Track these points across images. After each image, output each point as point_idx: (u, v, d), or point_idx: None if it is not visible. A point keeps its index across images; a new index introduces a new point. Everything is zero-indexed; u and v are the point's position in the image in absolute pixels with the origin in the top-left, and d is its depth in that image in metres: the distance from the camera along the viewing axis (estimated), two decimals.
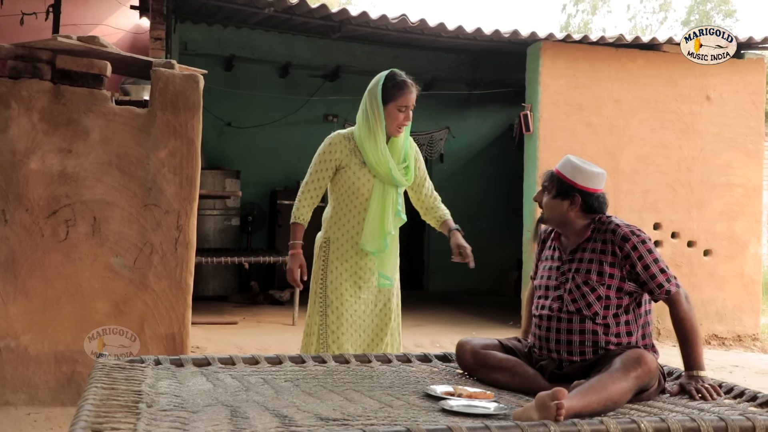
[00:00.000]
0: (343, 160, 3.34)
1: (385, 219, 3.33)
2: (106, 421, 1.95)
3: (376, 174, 3.33)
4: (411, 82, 3.33)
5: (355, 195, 3.35)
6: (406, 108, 3.28)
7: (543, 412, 2.05)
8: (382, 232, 3.34)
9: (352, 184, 3.34)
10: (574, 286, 2.66)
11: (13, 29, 6.07)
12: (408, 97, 3.28)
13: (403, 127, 3.31)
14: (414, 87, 3.32)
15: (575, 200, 2.69)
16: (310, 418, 2.05)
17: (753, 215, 7.46)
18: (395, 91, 3.27)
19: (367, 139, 3.30)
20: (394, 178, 3.33)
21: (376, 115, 3.27)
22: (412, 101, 3.30)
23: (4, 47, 3.97)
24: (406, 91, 3.28)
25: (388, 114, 3.28)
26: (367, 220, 3.34)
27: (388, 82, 3.29)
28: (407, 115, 3.30)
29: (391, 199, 3.37)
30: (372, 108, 3.28)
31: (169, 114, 4.09)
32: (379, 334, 3.42)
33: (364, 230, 3.34)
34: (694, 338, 2.57)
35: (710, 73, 7.19)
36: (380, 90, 3.27)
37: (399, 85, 3.28)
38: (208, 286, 8.25)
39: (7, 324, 3.94)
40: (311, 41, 8.69)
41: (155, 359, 2.82)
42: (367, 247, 3.33)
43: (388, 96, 3.27)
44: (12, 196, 3.93)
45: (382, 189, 3.34)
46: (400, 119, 3.28)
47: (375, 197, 3.34)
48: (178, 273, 4.11)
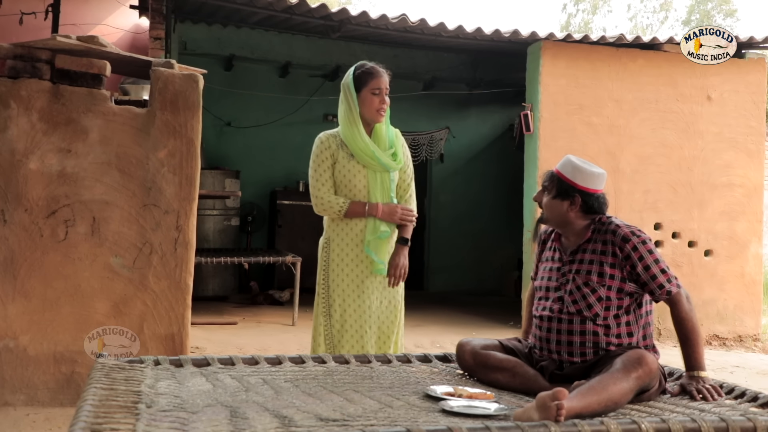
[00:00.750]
0: (333, 155, 3.40)
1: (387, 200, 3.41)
2: (106, 421, 1.95)
3: (365, 163, 3.38)
4: (381, 68, 3.41)
5: (349, 188, 3.39)
6: (379, 91, 3.34)
7: (543, 412, 2.04)
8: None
9: (344, 177, 3.39)
10: (574, 287, 2.66)
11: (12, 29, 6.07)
12: (379, 80, 3.36)
13: (381, 110, 3.37)
14: (385, 72, 3.40)
15: (575, 200, 2.69)
16: (310, 419, 2.04)
17: (754, 215, 7.46)
18: (365, 76, 3.36)
19: (349, 129, 3.38)
20: (381, 162, 3.38)
21: (351, 104, 3.36)
22: (385, 83, 3.37)
23: (3, 47, 3.97)
24: (376, 74, 3.36)
25: (363, 100, 3.35)
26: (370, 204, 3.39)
27: (357, 70, 3.39)
28: (382, 99, 3.36)
29: (386, 186, 3.43)
30: (347, 97, 3.38)
31: (168, 114, 4.09)
32: (386, 332, 3.43)
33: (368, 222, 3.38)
34: (695, 338, 2.57)
35: (711, 72, 7.19)
36: (351, 79, 3.37)
37: (369, 70, 3.38)
38: (208, 287, 8.25)
39: (6, 324, 3.94)
40: (311, 41, 8.70)
41: (155, 360, 2.81)
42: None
43: (360, 83, 3.35)
44: (11, 196, 3.93)
45: (375, 176, 3.40)
46: (376, 103, 3.35)
47: (371, 183, 3.40)
48: (177, 273, 4.10)
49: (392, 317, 3.45)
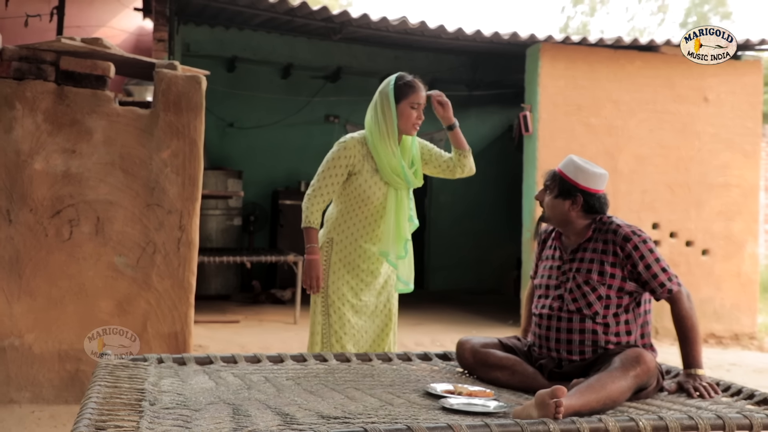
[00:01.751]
0: (356, 166, 3.30)
1: (401, 226, 3.34)
2: (110, 419, 1.97)
3: (389, 179, 3.31)
4: (420, 82, 3.35)
5: (365, 202, 3.33)
6: (418, 105, 3.30)
7: (542, 410, 2.06)
8: (401, 238, 3.34)
9: (363, 191, 3.31)
10: (574, 285, 2.66)
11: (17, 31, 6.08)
12: (419, 94, 3.31)
13: (417, 125, 3.33)
14: (422, 86, 3.35)
15: (577, 200, 2.70)
16: (312, 416, 2.05)
17: (750, 215, 7.48)
18: (407, 89, 3.29)
19: (381, 141, 3.28)
20: (407, 178, 3.32)
21: (387, 115, 3.27)
22: (423, 99, 3.33)
23: (8, 49, 4.00)
24: (417, 88, 3.31)
25: (401, 113, 3.28)
26: (385, 228, 3.33)
27: (399, 81, 3.31)
28: (420, 114, 3.32)
29: (405, 205, 3.37)
30: (383, 108, 3.28)
31: (171, 115, 4.11)
32: (381, 334, 3.44)
33: (383, 239, 3.33)
34: (693, 337, 2.58)
35: (708, 74, 7.21)
36: (392, 89, 3.29)
37: (410, 83, 3.31)
38: (211, 286, 8.27)
39: (11, 323, 3.96)
40: (312, 43, 8.71)
41: (158, 358, 2.82)
42: (390, 256, 3.33)
43: (401, 94, 3.28)
44: (16, 196, 3.96)
45: (395, 196, 3.33)
46: (413, 117, 3.30)
47: (390, 205, 3.32)
48: (180, 272, 4.13)
49: (386, 320, 3.45)
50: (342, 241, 3.37)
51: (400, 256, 3.36)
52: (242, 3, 6.65)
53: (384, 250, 3.33)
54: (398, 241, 3.34)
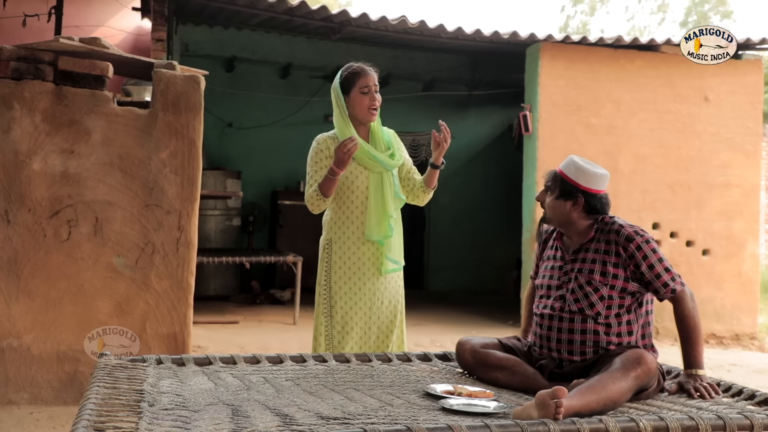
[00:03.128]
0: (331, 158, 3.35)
1: (385, 205, 3.37)
2: (108, 420, 1.96)
3: (364, 163, 3.36)
4: (368, 66, 3.37)
5: (351, 191, 3.37)
6: (368, 89, 3.31)
7: (542, 410, 2.06)
8: (385, 217, 3.37)
9: (345, 179, 3.36)
10: (576, 285, 2.66)
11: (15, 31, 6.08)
12: (366, 77, 3.32)
13: (373, 108, 3.33)
14: (371, 69, 3.37)
15: (578, 201, 2.69)
16: (311, 417, 2.05)
17: (751, 215, 7.48)
18: (352, 77, 3.33)
19: (343, 131, 3.35)
20: (380, 161, 3.36)
21: (341, 107, 3.34)
22: (373, 80, 3.33)
23: (6, 49, 3.99)
24: (363, 73, 3.33)
25: (353, 101, 3.33)
26: (369, 209, 3.36)
27: (345, 71, 3.37)
28: (372, 96, 3.32)
29: (388, 184, 3.40)
30: (337, 100, 3.36)
31: (170, 115, 4.11)
32: (386, 330, 3.43)
33: (367, 220, 3.36)
34: (695, 337, 2.57)
35: (708, 73, 7.21)
36: (339, 82, 3.35)
37: (355, 70, 3.35)
38: (210, 286, 8.27)
39: (9, 323, 3.95)
40: (311, 42, 8.71)
41: (157, 358, 2.82)
42: (373, 236, 3.35)
43: (348, 83, 3.33)
44: (15, 197, 3.95)
45: (377, 178, 3.38)
46: (366, 102, 3.31)
47: (372, 187, 3.37)
48: (179, 273, 4.12)
49: (392, 317, 3.45)
50: (340, 239, 3.39)
51: (387, 235, 3.38)
52: (241, 3, 6.64)
53: (369, 233, 3.35)
54: (383, 220, 3.37)
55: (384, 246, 3.39)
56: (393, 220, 3.40)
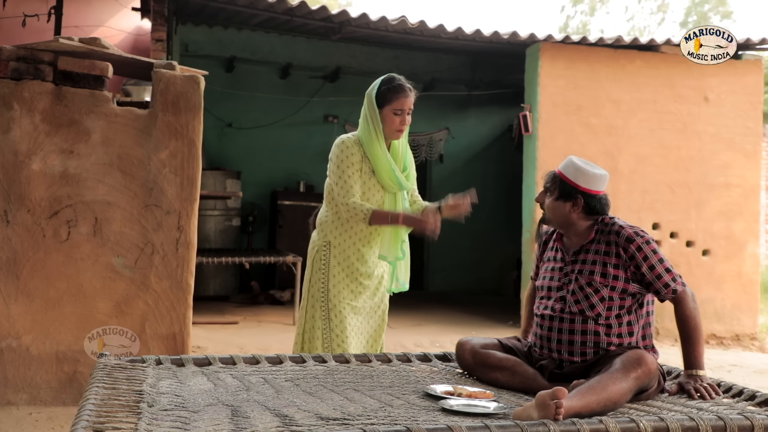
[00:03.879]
0: (360, 163, 3.28)
1: (398, 228, 3.32)
2: (108, 420, 1.96)
3: (384, 183, 3.30)
4: (408, 86, 3.27)
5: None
6: (401, 111, 3.23)
7: (543, 411, 2.06)
8: (397, 240, 3.34)
9: (362, 194, 3.29)
10: (577, 287, 2.66)
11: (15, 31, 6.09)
12: (403, 100, 3.23)
13: (401, 131, 3.27)
14: (411, 91, 3.27)
15: (577, 202, 2.69)
16: (311, 418, 2.05)
17: (751, 215, 7.48)
18: (390, 94, 3.23)
19: (370, 144, 3.27)
20: (399, 182, 3.30)
21: (373, 119, 3.25)
22: (409, 105, 3.25)
23: (6, 49, 3.99)
24: (402, 94, 3.23)
25: (384, 118, 3.24)
26: (382, 232, 3.32)
27: (384, 85, 3.26)
28: (403, 119, 3.25)
29: (400, 208, 3.34)
30: (369, 111, 3.26)
31: (170, 115, 4.11)
32: (374, 335, 3.45)
33: (381, 243, 3.33)
34: (696, 337, 2.57)
35: (708, 74, 7.21)
36: (375, 94, 3.25)
37: (395, 88, 3.24)
38: (209, 286, 8.26)
39: (9, 324, 3.95)
40: (311, 42, 8.71)
41: (156, 359, 2.82)
42: (389, 258, 3.32)
43: (384, 99, 3.23)
44: (14, 197, 3.95)
45: (391, 199, 3.32)
46: (396, 123, 3.24)
47: (387, 203, 3.31)
48: (179, 273, 4.12)
49: (380, 321, 3.47)
50: (340, 245, 3.34)
51: (398, 257, 3.36)
52: (241, 3, 6.64)
53: (383, 254, 3.33)
54: (395, 243, 3.34)
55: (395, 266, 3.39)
56: (405, 244, 3.38)
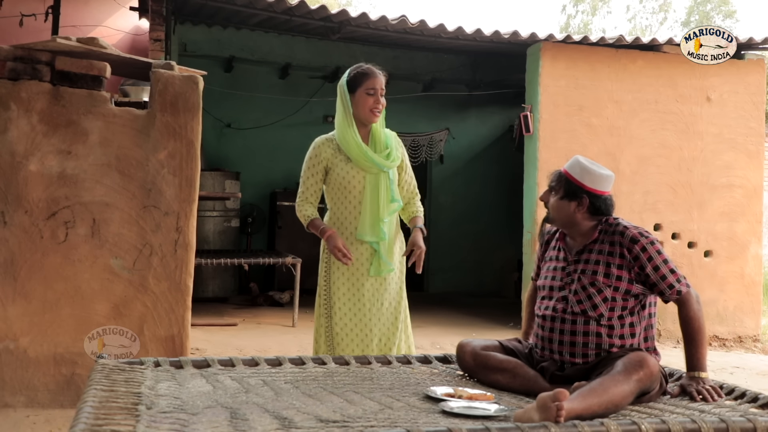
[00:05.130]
0: (330, 161, 3.43)
1: (378, 207, 3.40)
2: (106, 423, 1.95)
3: (360, 165, 3.39)
4: (377, 69, 3.42)
5: (348, 191, 3.41)
6: (374, 91, 3.36)
7: (544, 413, 2.05)
8: (378, 220, 3.40)
9: (342, 180, 3.41)
10: (579, 287, 2.66)
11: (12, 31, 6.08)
12: (374, 80, 3.37)
13: (375, 110, 3.37)
14: (380, 72, 3.41)
15: (582, 202, 2.69)
16: (310, 420, 2.05)
17: (754, 216, 7.46)
18: (360, 77, 3.38)
19: (343, 131, 3.40)
20: (375, 162, 3.38)
21: (345, 105, 3.39)
22: (380, 84, 3.38)
23: (3, 49, 3.98)
24: (371, 75, 3.38)
25: (357, 101, 3.37)
26: (363, 211, 3.40)
27: (353, 71, 3.42)
28: (377, 99, 3.37)
29: (384, 187, 3.42)
30: (341, 98, 3.40)
31: (168, 115, 4.10)
32: (388, 332, 3.44)
33: (361, 221, 3.40)
34: (700, 339, 2.57)
35: (710, 73, 7.20)
36: (346, 80, 3.40)
37: (363, 71, 3.40)
38: (208, 288, 8.25)
39: (6, 326, 3.94)
40: (311, 42, 8.71)
41: (155, 361, 2.82)
42: (366, 237, 3.39)
43: (355, 83, 3.37)
44: (11, 198, 3.94)
45: (373, 180, 3.41)
46: (370, 103, 3.36)
47: (368, 188, 3.40)
48: (177, 275, 4.11)
49: (392, 319, 3.45)
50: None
51: (380, 238, 3.40)
52: (240, 2, 6.64)
53: (361, 232, 3.39)
54: (375, 224, 3.40)
55: (379, 248, 3.39)
56: (386, 224, 3.41)
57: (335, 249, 3.32)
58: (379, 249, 3.41)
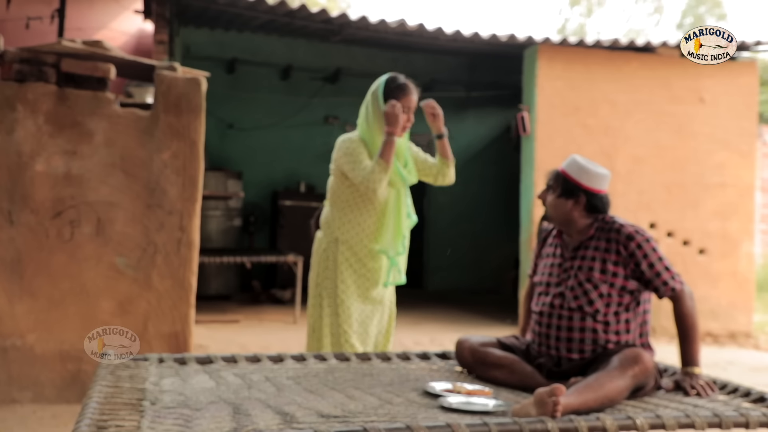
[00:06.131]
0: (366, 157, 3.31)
1: (400, 223, 3.36)
2: (111, 418, 1.98)
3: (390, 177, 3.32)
4: (412, 85, 3.35)
5: (371, 200, 3.32)
6: (408, 109, 3.30)
7: (541, 408, 2.08)
8: (399, 235, 3.37)
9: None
10: (576, 283, 2.66)
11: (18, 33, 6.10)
12: (409, 98, 3.30)
13: (406, 128, 3.32)
14: (415, 89, 3.35)
15: (579, 200, 2.70)
16: (312, 415, 2.07)
17: (746, 215, 7.50)
18: (397, 92, 3.29)
19: (373, 141, 3.30)
20: (402, 176, 3.33)
21: (377, 113, 3.28)
22: (414, 102, 3.32)
23: (10, 51, 4.02)
24: (408, 92, 3.30)
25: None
26: (385, 226, 3.33)
27: (390, 84, 3.30)
28: (409, 117, 3.32)
29: (404, 202, 3.38)
30: (374, 106, 3.29)
31: (172, 116, 4.13)
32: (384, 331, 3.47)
33: (383, 236, 3.33)
34: (693, 335, 2.58)
35: (704, 75, 7.24)
36: (382, 92, 3.29)
37: (401, 87, 3.30)
38: (211, 286, 8.27)
39: (13, 323, 3.98)
40: (312, 44, 8.73)
41: (159, 357, 2.84)
42: (390, 252, 3.34)
43: (391, 96, 3.28)
44: (18, 198, 3.97)
45: (395, 194, 3.35)
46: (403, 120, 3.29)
47: (390, 203, 3.34)
48: (181, 273, 4.14)
49: (388, 318, 3.49)
50: (348, 241, 3.35)
51: (399, 252, 3.38)
52: (242, 5, 6.66)
53: (383, 248, 3.34)
54: (397, 239, 3.36)
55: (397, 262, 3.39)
56: (405, 240, 3.40)
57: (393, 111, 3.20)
58: (397, 263, 3.38)
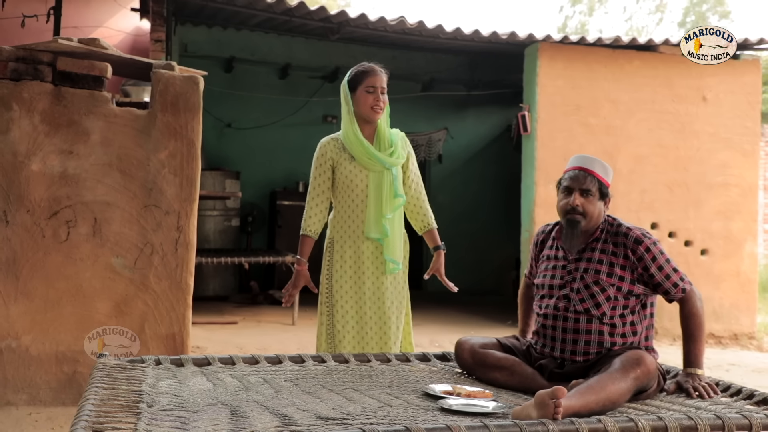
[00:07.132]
0: (335, 159, 3.45)
1: (381, 204, 3.41)
2: (107, 420, 1.97)
3: (364, 163, 3.41)
4: (378, 67, 3.44)
5: (351, 189, 3.42)
6: (374, 89, 3.38)
7: (542, 410, 2.06)
8: (381, 216, 3.41)
9: (346, 178, 3.42)
10: (582, 285, 2.66)
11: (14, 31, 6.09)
12: (374, 78, 3.39)
13: (376, 107, 3.39)
14: (381, 70, 3.43)
15: (608, 200, 2.74)
16: (310, 418, 2.06)
17: (749, 215, 7.49)
18: (360, 75, 3.41)
19: (346, 130, 3.43)
20: (378, 159, 3.39)
21: (347, 103, 3.42)
22: (380, 81, 3.40)
23: (5, 49, 3.99)
24: (371, 73, 3.40)
25: (358, 99, 3.39)
26: (368, 208, 3.42)
27: (354, 69, 3.46)
28: (377, 96, 3.38)
29: (387, 183, 3.43)
30: (344, 97, 3.44)
31: (169, 115, 4.11)
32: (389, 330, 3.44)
33: (366, 218, 3.42)
34: (699, 336, 2.59)
35: (707, 73, 7.22)
36: (347, 79, 3.44)
37: (364, 69, 3.43)
38: (209, 287, 8.27)
39: (8, 324, 3.96)
40: (310, 43, 8.72)
41: (156, 359, 2.83)
42: (371, 234, 3.41)
43: (356, 81, 3.40)
44: (13, 197, 3.95)
45: (376, 178, 3.42)
46: (370, 100, 3.37)
47: (371, 186, 3.42)
48: (178, 273, 4.13)
49: (394, 317, 3.46)
50: (341, 238, 3.44)
51: (384, 234, 3.42)
52: (240, 3, 6.65)
53: (367, 229, 3.41)
54: (379, 220, 3.41)
55: (384, 244, 3.41)
56: (388, 221, 3.43)
57: (290, 286, 3.42)
58: (384, 245, 3.42)
